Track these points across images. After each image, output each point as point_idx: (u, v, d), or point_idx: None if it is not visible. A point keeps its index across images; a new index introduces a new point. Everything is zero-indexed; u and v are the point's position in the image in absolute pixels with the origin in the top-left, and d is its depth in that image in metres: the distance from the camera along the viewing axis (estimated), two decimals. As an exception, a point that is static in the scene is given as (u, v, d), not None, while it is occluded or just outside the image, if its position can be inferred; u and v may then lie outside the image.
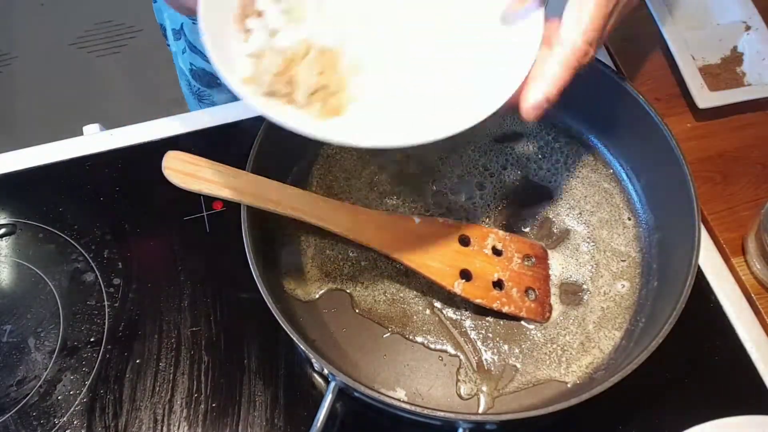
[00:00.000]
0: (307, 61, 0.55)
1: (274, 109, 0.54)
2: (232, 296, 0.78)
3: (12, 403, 0.72)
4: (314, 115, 0.55)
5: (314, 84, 0.55)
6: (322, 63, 0.56)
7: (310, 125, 0.53)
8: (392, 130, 0.57)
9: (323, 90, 0.55)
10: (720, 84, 0.90)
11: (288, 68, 0.55)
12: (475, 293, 0.72)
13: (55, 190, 0.85)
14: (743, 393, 0.74)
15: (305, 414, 0.72)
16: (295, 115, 0.55)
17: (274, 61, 0.54)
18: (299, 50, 0.56)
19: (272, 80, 0.54)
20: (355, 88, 0.58)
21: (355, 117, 0.57)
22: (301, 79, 0.55)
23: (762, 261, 0.77)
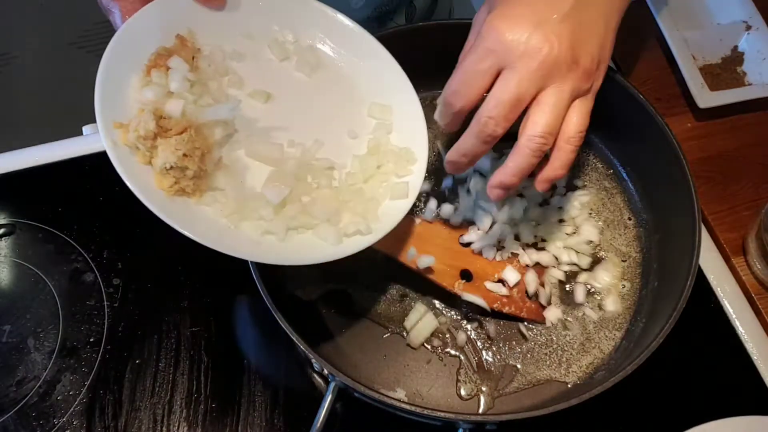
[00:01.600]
0: (176, 139, 0.54)
1: (128, 163, 0.54)
2: (232, 296, 0.78)
3: (11, 403, 0.72)
4: (164, 186, 0.55)
5: (173, 162, 0.54)
6: (191, 147, 0.55)
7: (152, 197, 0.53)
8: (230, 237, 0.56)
9: (180, 170, 0.55)
10: (720, 84, 0.90)
11: (157, 136, 0.54)
12: (475, 293, 0.72)
13: (55, 190, 0.85)
14: (743, 393, 0.74)
15: (305, 414, 0.72)
16: (145, 178, 0.54)
17: (147, 124, 0.54)
18: (178, 125, 0.55)
19: (137, 139, 0.54)
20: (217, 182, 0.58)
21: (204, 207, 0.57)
22: (162, 152, 0.54)
23: (762, 261, 0.77)
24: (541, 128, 0.53)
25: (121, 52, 0.56)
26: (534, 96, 0.53)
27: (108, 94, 0.55)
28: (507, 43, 0.52)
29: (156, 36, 0.59)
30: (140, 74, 0.58)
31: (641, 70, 0.93)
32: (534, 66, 0.51)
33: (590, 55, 0.54)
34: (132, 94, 0.57)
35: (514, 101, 0.52)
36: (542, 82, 0.52)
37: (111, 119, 0.54)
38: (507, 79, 0.52)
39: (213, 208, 0.57)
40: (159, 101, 0.56)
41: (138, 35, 0.57)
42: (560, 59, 0.52)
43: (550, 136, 0.53)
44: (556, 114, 0.53)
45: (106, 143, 0.53)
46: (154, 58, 0.58)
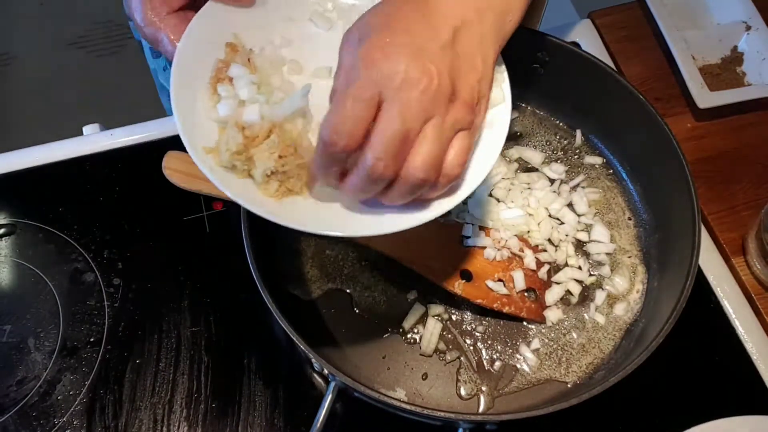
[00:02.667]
0: (267, 143, 0.54)
1: (231, 183, 0.54)
2: (232, 296, 0.78)
3: (12, 403, 0.72)
4: (271, 193, 0.55)
5: (272, 167, 0.54)
6: (283, 146, 0.54)
7: (263, 207, 0.53)
8: (350, 219, 0.56)
9: (282, 173, 0.55)
10: (720, 84, 0.90)
11: (247, 147, 0.54)
12: (475, 293, 0.72)
13: (55, 190, 0.85)
14: (743, 393, 0.74)
15: (305, 414, 0.72)
16: (250, 193, 0.54)
17: (235, 139, 0.54)
18: (262, 129, 0.55)
19: (231, 157, 0.54)
20: None
21: (315, 200, 0.56)
22: (259, 160, 0.54)
23: (762, 261, 0.77)
24: (422, 161, 0.50)
25: (185, 78, 0.56)
26: (419, 130, 0.50)
27: (188, 124, 0.54)
28: (384, 71, 0.49)
29: (208, 51, 0.58)
30: (207, 93, 0.57)
31: (641, 70, 0.93)
32: (415, 97, 0.49)
33: (470, 88, 0.52)
34: (207, 115, 0.57)
35: (401, 137, 0.49)
36: (425, 115, 0.50)
37: (201, 147, 0.54)
38: (390, 114, 0.49)
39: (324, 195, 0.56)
40: (235, 114, 0.56)
41: (193, 56, 0.57)
42: (441, 90, 0.49)
43: (432, 171, 0.51)
44: (440, 147, 0.51)
45: (205, 171, 0.53)
46: (215, 74, 0.58)
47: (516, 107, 0.85)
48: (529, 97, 0.85)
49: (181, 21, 0.58)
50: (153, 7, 0.57)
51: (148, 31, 0.58)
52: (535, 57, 0.79)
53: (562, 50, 0.77)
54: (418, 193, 0.53)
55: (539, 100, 0.85)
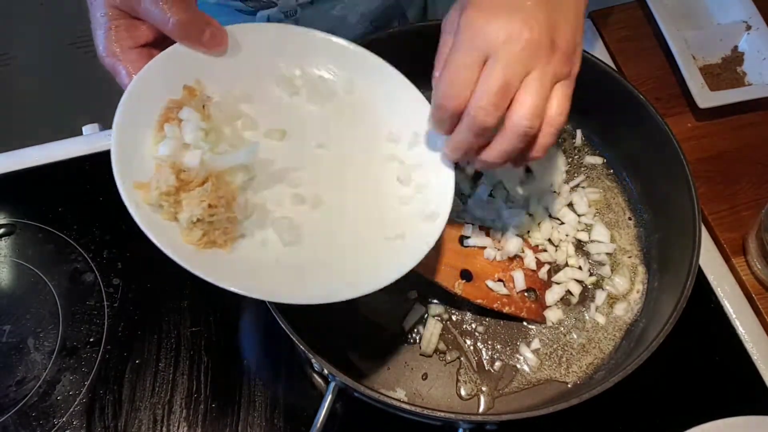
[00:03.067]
0: (199, 191, 0.53)
1: (154, 222, 0.53)
2: (233, 296, 0.78)
3: (11, 403, 0.72)
4: (193, 241, 0.54)
5: (198, 214, 0.53)
6: (215, 196, 0.54)
7: (181, 253, 0.52)
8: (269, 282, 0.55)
9: (208, 222, 0.54)
10: (720, 84, 0.90)
11: (179, 191, 0.53)
12: (475, 293, 0.72)
13: (55, 190, 0.85)
14: (743, 393, 0.74)
15: (305, 414, 0.72)
16: (172, 235, 0.54)
17: (167, 180, 0.53)
18: (198, 176, 0.54)
19: (159, 197, 0.53)
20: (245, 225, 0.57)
21: (238, 257, 0.55)
22: (187, 206, 0.53)
23: (762, 261, 0.77)
24: (528, 110, 0.53)
25: (133, 111, 0.56)
26: (521, 81, 0.53)
27: (124, 155, 0.54)
28: (487, 33, 0.52)
29: (164, 90, 0.58)
30: (153, 131, 0.57)
31: (641, 70, 0.93)
32: (517, 50, 0.51)
33: (566, 39, 0.54)
34: (148, 152, 0.56)
35: (502, 88, 0.52)
36: (526, 66, 0.52)
37: (131, 180, 0.53)
38: (492, 68, 0.52)
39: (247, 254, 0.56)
40: (176, 155, 0.55)
41: (147, 92, 0.57)
42: (541, 42, 0.52)
43: (536, 119, 0.53)
44: (542, 96, 0.53)
45: (129, 205, 0.52)
46: (165, 112, 0.57)
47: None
48: (529, 97, 0.85)
49: (142, 56, 0.57)
50: (117, 38, 0.56)
51: (107, 61, 0.57)
52: (535, 57, 0.79)
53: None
54: (523, 144, 0.55)
55: (539, 100, 0.85)
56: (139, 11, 0.56)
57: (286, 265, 0.57)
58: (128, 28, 0.57)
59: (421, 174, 0.63)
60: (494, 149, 0.56)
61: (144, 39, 0.58)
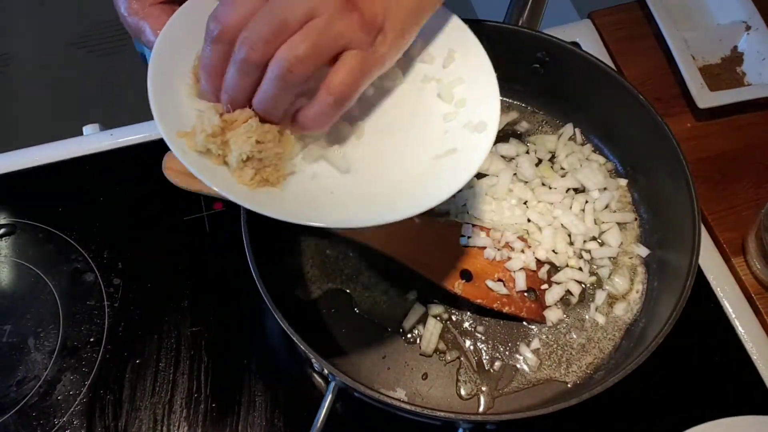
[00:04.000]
0: (245, 127, 0.53)
1: (203, 167, 0.52)
2: (232, 296, 0.78)
3: (12, 403, 0.72)
4: (245, 180, 0.54)
5: (248, 152, 0.52)
6: (261, 131, 0.53)
7: (236, 191, 0.52)
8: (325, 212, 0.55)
9: (258, 160, 0.53)
10: (720, 84, 0.90)
11: (224, 131, 0.53)
12: (475, 293, 0.72)
13: (55, 190, 0.85)
14: (743, 393, 0.74)
15: (305, 414, 0.72)
16: (223, 178, 0.53)
17: (211, 121, 0.52)
18: (242, 115, 0.53)
19: (206, 140, 0.52)
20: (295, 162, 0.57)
21: (291, 193, 0.55)
22: (235, 144, 0.53)
23: (762, 261, 0.77)
24: (293, 52, 0.47)
25: (164, 65, 0.55)
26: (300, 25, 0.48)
27: (164, 107, 0.53)
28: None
29: (191, 42, 0.57)
30: (189, 83, 0.57)
31: (641, 70, 0.93)
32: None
33: (372, 9, 0.50)
34: (186, 103, 0.56)
35: (277, 23, 0.47)
36: (310, 11, 0.48)
37: (174, 130, 0.53)
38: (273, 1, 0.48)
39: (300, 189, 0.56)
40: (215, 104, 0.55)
41: (175, 45, 0.56)
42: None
43: (300, 64, 0.48)
44: (315, 44, 0.48)
45: (177, 152, 0.51)
46: (197, 64, 0.56)
47: (516, 107, 0.85)
48: (529, 97, 0.85)
49: (164, 12, 0.57)
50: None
51: (131, 20, 0.57)
52: (535, 57, 0.79)
53: (562, 50, 0.77)
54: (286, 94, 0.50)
55: (539, 100, 0.85)
56: None
57: (340, 194, 0.56)
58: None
59: (462, 89, 0.62)
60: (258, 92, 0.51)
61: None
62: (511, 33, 0.77)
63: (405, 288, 0.74)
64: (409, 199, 0.56)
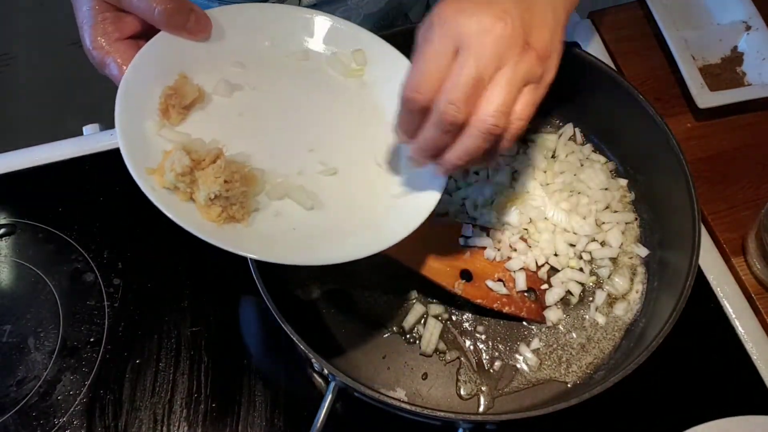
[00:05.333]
0: (213, 168, 0.55)
1: (172, 204, 0.54)
2: (233, 296, 0.78)
3: (12, 403, 0.72)
4: (213, 217, 0.55)
5: (216, 191, 0.54)
6: (229, 171, 0.55)
7: (203, 229, 0.54)
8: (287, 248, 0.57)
9: (225, 198, 0.55)
10: (720, 84, 0.90)
11: (193, 170, 0.55)
12: (475, 293, 0.72)
13: (55, 190, 0.85)
14: (743, 393, 0.74)
15: (305, 414, 0.72)
16: (191, 215, 0.55)
17: (181, 161, 0.54)
18: (209, 154, 0.56)
19: (175, 178, 0.54)
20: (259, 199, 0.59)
21: (256, 229, 0.57)
22: (203, 183, 0.54)
23: (762, 261, 0.77)
24: (495, 107, 0.50)
25: (131, 101, 0.57)
26: (492, 76, 0.51)
27: (132, 144, 0.55)
28: (460, 24, 0.50)
29: (158, 77, 0.59)
30: (155, 119, 0.58)
31: (641, 70, 0.93)
32: (489, 42, 0.49)
33: (542, 40, 0.53)
34: (153, 140, 0.57)
35: (473, 81, 0.50)
36: (498, 61, 0.50)
37: (143, 167, 0.54)
38: (463, 60, 0.50)
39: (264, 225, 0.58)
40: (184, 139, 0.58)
41: (142, 81, 0.58)
42: (514, 37, 0.50)
43: (503, 117, 0.51)
44: (511, 94, 0.51)
45: (145, 190, 0.53)
46: (165, 99, 0.58)
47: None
48: (529, 97, 0.85)
49: (130, 47, 0.58)
50: (104, 32, 0.57)
51: (95, 54, 0.57)
52: (535, 57, 0.79)
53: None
54: (487, 144, 0.53)
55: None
56: (123, 3, 0.56)
57: (303, 231, 0.58)
58: (114, 21, 0.57)
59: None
60: (458, 148, 0.53)
61: (130, 31, 0.58)
62: (511, 33, 0.77)
63: (405, 288, 0.74)
64: (369, 238, 0.58)
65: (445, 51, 0.50)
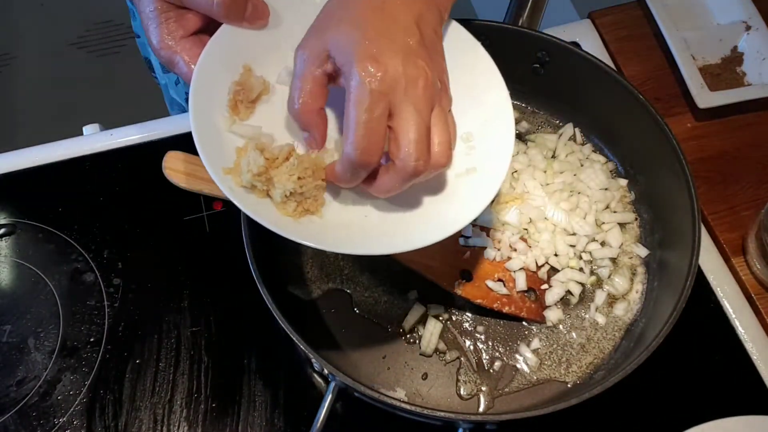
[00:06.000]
0: (287, 166, 0.56)
1: (250, 202, 0.55)
2: (233, 296, 0.78)
3: (12, 403, 0.72)
4: (289, 212, 0.57)
5: (291, 188, 0.55)
6: (302, 169, 0.56)
7: (282, 226, 0.54)
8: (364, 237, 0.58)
9: (299, 194, 0.56)
10: (720, 84, 0.90)
11: (268, 169, 0.56)
12: (475, 293, 0.72)
13: (55, 190, 0.85)
14: (743, 393, 0.74)
15: (305, 414, 0.72)
16: (269, 211, 0.56)
17: (256, 161, 0.55)
18: (282, 152, 0.57)
19: (253, 178, 0.55)
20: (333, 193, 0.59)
21: (330, 219, 0.58)
22: (278, 182, 0.55)
23: (762, 261, 0.77)
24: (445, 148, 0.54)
25: (203, 99, 0.57)
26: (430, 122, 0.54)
27: (208, 145, 0.55)
28: (389, 82, 0.51)
29: (225, 74, 0.59)
30: (225, 115, 0.59)
31: (641, 70, 0.93)
32: (420, 93, 0.52)
33: (444, 72, 0.57)
34: (225, 136, 0.58)
35: (424, 132, 0.53)
36: (430, 107, 0.53)
37: (220, 167, 0.55)
38: (406, 116, 0.52)
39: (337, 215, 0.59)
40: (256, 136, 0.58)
41: (210, 78, 0.58)
42: (434, 81, 0.53)
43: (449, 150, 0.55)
44: (448, 130, 0.55)
45: (225, 190, 0.54)
46: (234, 95, 0.59)
47: (516, 107, 0.85)
48: (529, 97, 0.85)
49: (195, 44, 0.59)
50: (169, 31, 0.58)
51: (163, 53, 0.59)
52: (535, 57, 0.79)
53: (562, 50, 0.77)
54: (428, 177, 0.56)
55: (539, 100, 0.85)
56: (184, 1, 0.57)
57: (374, 217, 0.59)
58: (177, 19, 0.58)
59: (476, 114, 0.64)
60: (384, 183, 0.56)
61: (193, 27, 0.59)
62: (511, 33, 0.78)
63: (405, 288, 0.74)
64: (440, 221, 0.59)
65: (382, 112, 0.52)
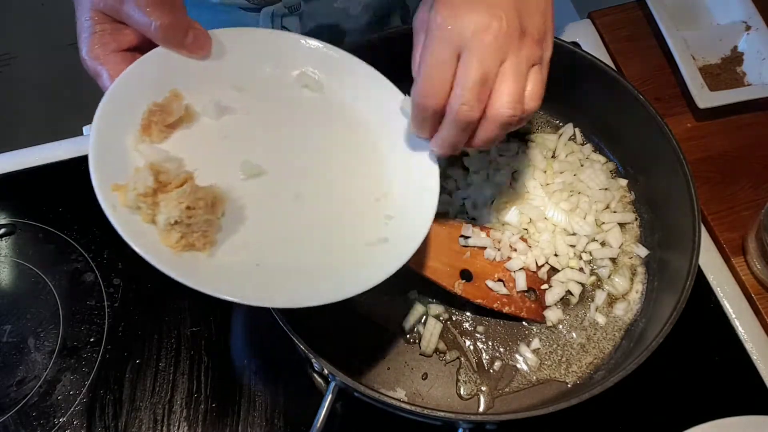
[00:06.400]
0: (178, 192, 0.52)
1: (130, 224, 0.52)
2: (232, 296, 0.78)
3: (12, 403, 0.72)
4: (171, 243, 0.53)
5: (176, 216, 0.52)
6: (194, 198, 0.53)
7: (159, 256, 0.51)
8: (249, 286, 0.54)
9: (186, 225, 0.53)
10: (720, 84, 0.90)
11: (156, 192, 0.53)
12: (475, 293, 0.72)
13: (55, 190, 0.85)
14: (743, 393, 0.74)
15: (305, 414, 0.72)
16: (148, 237, 0.53)
17: (145, 181, 0.52)
18: (177, 178, 0.54)
19: (137, 198, 0.52)
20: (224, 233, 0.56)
21: (217, 261, 0.54)
22: (165, 207, 0.52)
23: (762, 261, 0.77)
24: (508, 99, 0.53)
25: (113, 113, 0.55)
26: (497, 71, 0.53)
27: (102, 157, 0.53)
28: (458, 27, 0.52)
29: (146, 93, 0.57)
30: (136, 134, 0.57)
31: (641, 70, 0.93)
32: (489, 41, 0.52)
33: (535, 25, 0.55)
34: (129, 154, 0.56)
35: (482, 80, 0.52)
36: (500, 56, 0.53)
37: (108, 182, 0.53)
38: (467, 61, 0.52)
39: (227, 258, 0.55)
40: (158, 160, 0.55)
41: (128, 94, 0.56)
42: (510, 30, 0.53)
43: (518, 106, 0.54)
44: (519, 84, 0.54)
45: (105, 207, 0.52)
46: (148, 115, 0.56)
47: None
48: (529, 97, 0.85)
49: (125, 59, 0.57)
50: (101, 43, 0.57)
51: (89, 63, 0.57)
52: (535, 57, 0.79)
53: (562, 50, 0.77)
54: (505, 131, 0.56)
55: (539, 100, 0.85)
56: (122, 15, 0.56)
57: (266, 268, 0.56)
58: (112, 32, 0.57)
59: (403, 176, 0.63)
60: (478, 139, 0.56)
61: (128, 43, 0.58)
62: (511, 33, 0.77)
63: (405, 288, 0.74)
64: (335, 283, 0.56)
65: (448, 56, 0.53)
